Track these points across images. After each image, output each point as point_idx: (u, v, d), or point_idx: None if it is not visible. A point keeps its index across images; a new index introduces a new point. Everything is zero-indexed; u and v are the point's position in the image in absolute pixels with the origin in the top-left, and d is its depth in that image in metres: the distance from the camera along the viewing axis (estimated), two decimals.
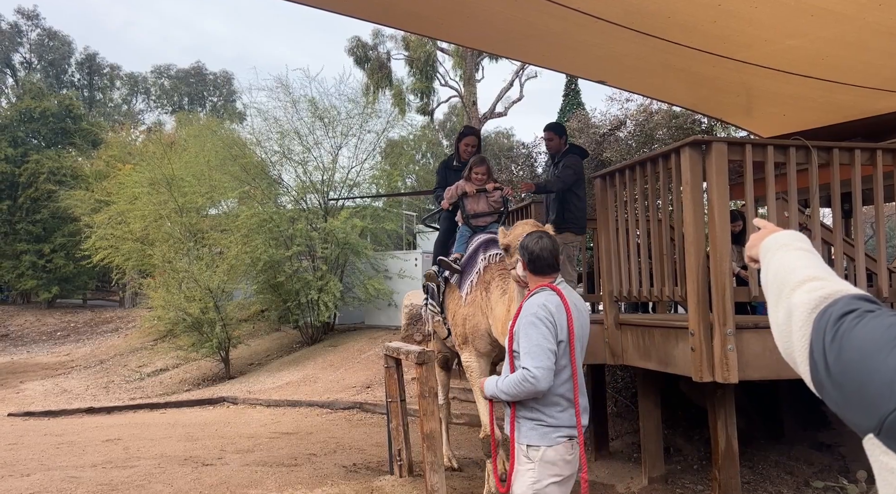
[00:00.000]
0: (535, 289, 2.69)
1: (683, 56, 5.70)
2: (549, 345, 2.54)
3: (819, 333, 0.84)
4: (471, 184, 4.83)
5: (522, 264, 2.77)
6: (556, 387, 2.60)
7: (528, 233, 2.82)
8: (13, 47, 35.22)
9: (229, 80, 40.27)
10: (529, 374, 2.52)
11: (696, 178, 3.55)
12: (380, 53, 24.45)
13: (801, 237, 1.12)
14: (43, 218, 23.04)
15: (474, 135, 5.55)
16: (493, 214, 4.78)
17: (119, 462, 6.13)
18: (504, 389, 2.62)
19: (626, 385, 6.57)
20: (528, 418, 2.62)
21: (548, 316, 2.56)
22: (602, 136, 7.61)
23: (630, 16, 5.04)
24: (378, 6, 5.53)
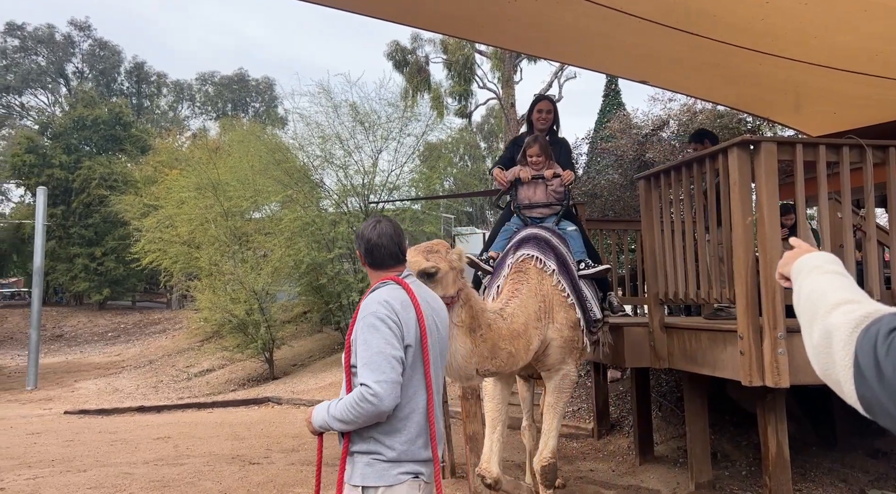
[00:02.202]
0: (376, 284, 2.17)
1: (729, 54, 5.59)
2: (394, 352, 2.00)
3: (868, 349, 0.84)
4: (526, 170, 4.22)
5: (360, 256, 2.26)
6: (402, 407, 2.03)
7: (370, 219, 2.33)
8: (66, 57, 36.53)
9: (271, 86, 41.04)
10: (369, 391, 1.94)
11: (744, 179, 3.49)
12: (418, 57, 24.61)
13: (833, 259, 1.11)
14: (95, 222, 23.81)
15: (548, 100, 4.76)
16: (550, 205, 4.21)
17: (170, 460, 6.31)
18: (338, 415, 2.00)
19: (670, 389, 6.47)
20: (363, 451, 2.03)
21: (390, 315, 2.03)
22: (644, 137, 7.52)
23: (673, 15, 4.98)
24: (417, 10, 5.58)
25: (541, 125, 4.58)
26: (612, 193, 7.24)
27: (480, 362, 3.23)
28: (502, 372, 3.51)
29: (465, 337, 3.10)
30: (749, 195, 3.53)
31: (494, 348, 3.30)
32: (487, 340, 3.24)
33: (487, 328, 3.25)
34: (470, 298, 3.10)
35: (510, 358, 3.42)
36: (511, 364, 3.44)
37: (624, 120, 8.64)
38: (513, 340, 3.43)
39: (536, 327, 3.63)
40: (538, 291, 3.74)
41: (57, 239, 23.97)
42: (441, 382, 2.25)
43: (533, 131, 4.58)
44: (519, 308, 3.60)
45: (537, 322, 3.65)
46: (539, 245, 3.91)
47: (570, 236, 4.10)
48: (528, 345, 3.56)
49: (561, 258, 3.90)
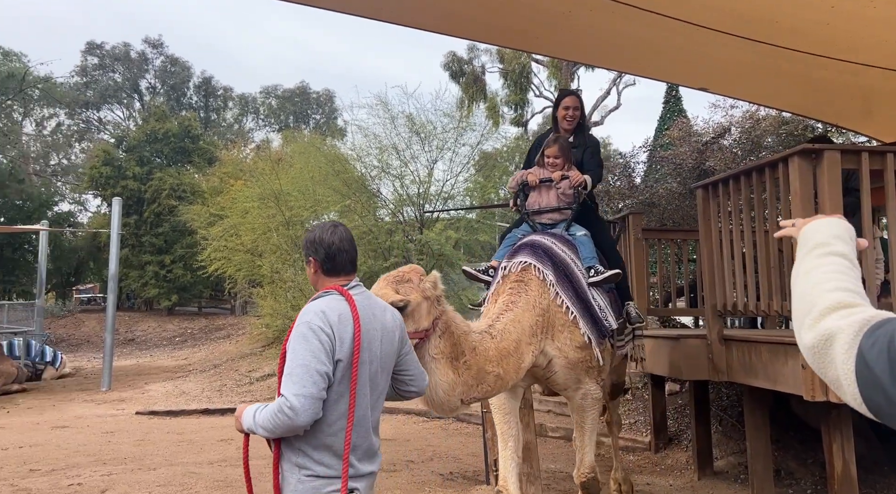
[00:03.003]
0: (320, 293, 2.12)
1: (792, 60, 5.45)
2: (319, 366, 1.94)
3: (880, 353, 0.84)
4: (535, 172, 4.00)
5: (314, 264, 2.16)
6: (332, 423, 1.99)
7: (318, 226, 2.24)
8: (141, 74, 38.33)
9: (331, 98, 41.98)
10: (286, 404, 1.91)
11: (805, 189, 3.41)
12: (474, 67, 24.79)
13: (840, 233, 1.04)
14: (164, 231, 24.84)
15: (574, 95, 4.46)
16: (560, 210, 3.96)
17: (233, 461, 6.53)
18: (261, 422, 1.99)
19: (731, 402, 6.30)
20: (297, 465, 2.00)
21: (323, 328, 1.98)
22: (704, 145, 7.37)
23: (732, 22, 4.90)
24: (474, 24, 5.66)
25: (567, 124, 4.29)
26: (671, 202, 7.13)
27: (465, 391, 3.00)
28: (490, 396, 3.27)
29: (447, 368, 2.87)
30: (811, 205, 3.45)
31: (480, 373, 3.06)
32: (472, 366, 3.00)
33: (472, 352, 3.01)
34: (450, 325, 2.90)
35: (498, 381, 3.16)
36: (499, 387, 3.20)
37: (683, 127, 8.50)
38: (501, 361, 3.18)
39: (530, 343, 3.36)
40: (537, 304, 3.47)
41: (130, 247, 25.11)
42: (373, 399, 2.12)
43: (558, 130, 4.31)
44: (511, 322, 3.34)
45: (531, 338, 3.38)
46: (536, 252, 3.64)
47: (579, 241, 3.83)
48: (519, 364, 3.30)
49: (562, 267, 3.60)
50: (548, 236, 3.79)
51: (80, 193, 33.16)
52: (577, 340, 3.50)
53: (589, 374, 3.62)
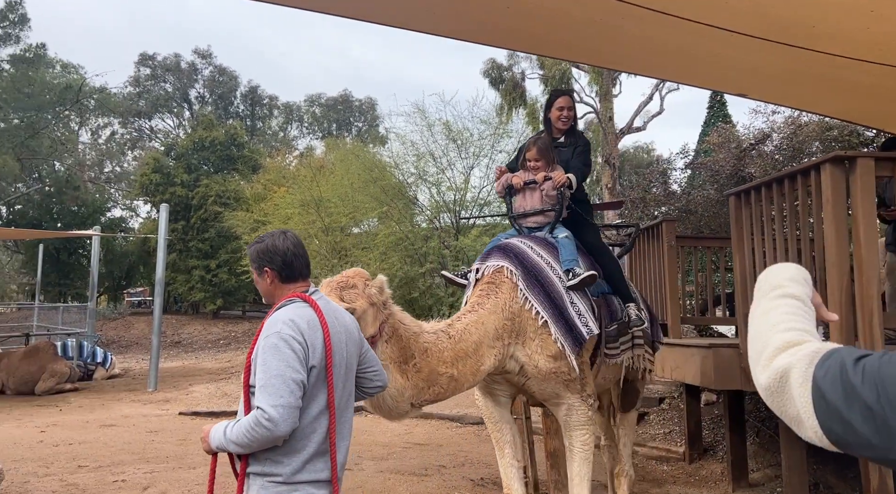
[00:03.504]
0: (283, 301, 2.10)
1: (833, 65, 5.33)
2: (295, 375, 1.94)
3: (834, 382, 0.85)
4: (519, 175, 3.88)
5: (270, 274, 2.14)
6: (304, 427, 2.00)
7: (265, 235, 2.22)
8: (190, 84, 39.50)
9: (373, 106, 42.53)
10: (264, 416, 1.90)
11: (838, 196, 3.35)
12: (514, 73, 24.78)
13: (795, 277, 1.07)
14: (210, 236, 25.49)
15: (567, 95, 4.29)
16: (545, 212, 3.83)
17: None
18: (234, 438, 1.97)
19: (770, 414, 6.16)
20: (259, 473, 2.00)
21: (295, 336, 1.98)
22: (742, 151, 7.24)
23: (770, 27, 4.82)
24: (510, 33, 5.70)
25: (562, 124, 4.11)
26: (708, 209, 7.02)
27: (416, 394, 2.94)
28: (443, 398, 3.15)
29: (395, 374, 2.82)
30: (844, 214, 3.38)
31: (432, 375, 2.99)
32: (423, 369, 2.95)
33: (423, 354, 2.96)
34: (398, 328, 2.86)
35: (451, 383, 3.07)
36: (454, 388, 3.11)
37: (723, 133, 8.36)
38: (457, 363, 3.09)
39: (492, 347, 3.23)
40: (506, 307, 3.34)
41: (177, 252, 25.82)
42: (343, 401, 2.14)
43: (551, 131, 4.15)
44: (474, 324, 3.23)
45: (495, 341, 3.25)
46: (508, 255, 3.52)
47: (560, 243, 3.66)
48: (478, 367, 3.18)
49: (533, 271, 3.45)
50: (527, 239, 3.68)
51: (131, 199, 34.31)
52: (548, 349, 3.31)
53: (569, 388, 3.37)
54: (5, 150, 26.68)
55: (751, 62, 5.68)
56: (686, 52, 5.61)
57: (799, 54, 5.09)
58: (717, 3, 4.55)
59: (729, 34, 4.86)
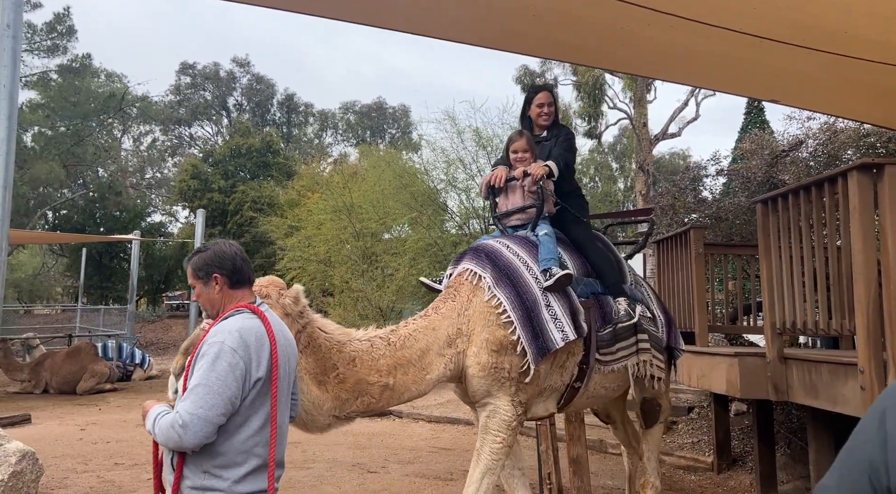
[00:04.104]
0: (232, 310, 2.06)
1: (868, 70, 5.24)
2: (224, 390, 1.88)
3: None
4: (499, 171, 3.62)
5: (220, 280, 2.10)
6: (245, 440, 1.95)
7: (209, 245, 2.19)
8: (229, 92, 40.39)
9: (406, 113, 42.87)
10: (178, 421, 1.86)
11: (865, 204, 3.31)
12: (546, 80, 24.73)
13: None
14: (246, 241, 25.94)
15: (548, 91, 4.05)
16: (526, 210, 3.60)
17: (297, 464, 6.80)
18: (157, 429, 1.95)
19: (802, 425, 6.05)
20: (199, 487, 1.94)
21: (237, 350, 1.93)
22: (775, 158, 7.14)
23: (800, 33, 4.77)
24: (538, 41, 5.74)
25: (543, 121, 3.91)
26: (739, 217, 6.93)
27: (338, 406, 2.80)
28: (380, 409, 3.00)
29: (310, 385, 2.70)
30: (871, 223, 3.34)
31: (360, 385, 2.84)
32: (347, 379, 2.81)
33: (349, 364, 2.81)
34: (317, 338, 2.75)
35: (386, 392, 2.91)
36: (391, 399, 2.95)
37: (756, 140, 8.24)
38: (395, 371, 2.92)
39: (443, 354, 3.06)
40: (462, 311, 3.17)
41: None
42: (285, 415, 2.13)
43: (532, 130, 3.93)
44: (422, 330, 3.08)
45: (446, 347, 3.07)
46: (478, 256, 3.36)
47: (540, 241, 3.43)
48: (423, 375, 3.01)
49: (506, 269, 3.25)
50: (505, 239, 3.50)
51: (170, 205, 35.17)
52: (494, 340, 3.09)
53: (503, 388, 3.10)
54: (52, 157, 27.63)
55: (782, 68, 5.62)
56: (716, 58, 5.58)
57: (830, 60, 5.02)
58: (746, 10, 4.54)
59: (760, 40, 4.82)
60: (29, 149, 27.53)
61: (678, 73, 6.61)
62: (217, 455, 1.93)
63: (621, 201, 34.51)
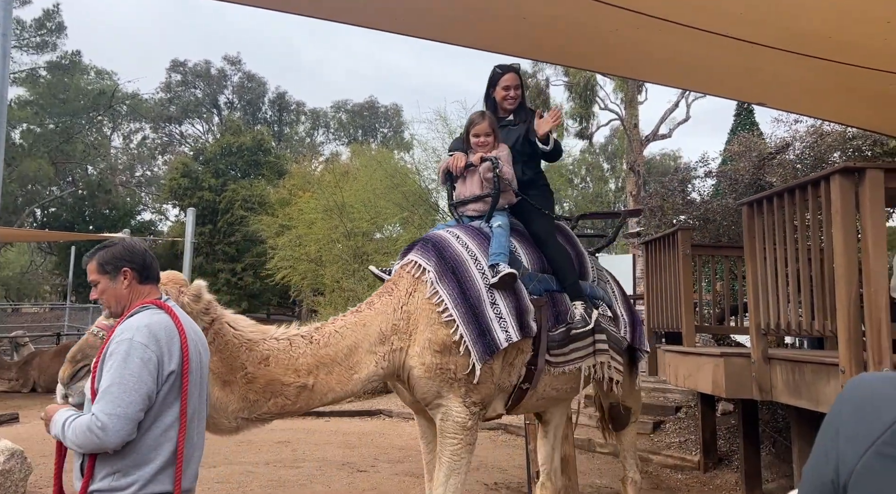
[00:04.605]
0: (138, 306, 2.02)
1: (853, 75, 5.32)
2: (140, 386, 1.86)
3: None
4: (458, 157, 3.44)
5: (130, 275, 2.06)
6: (156, 437, 1.92)
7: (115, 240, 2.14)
8: (220, 90, 40.24)
9: (398, 112, 42.84)
10: (97, 423, 1.83)
11: (847, 207, 3.37)
12: (538, 80, 24.80)
13: None
14: (236, 240, 25.91)
15: (514, 72, 3.78)
16: (483, 199, 3.40)
17: (287, 463, 6.82)
18: (70, 435, 1.91)
19: (786, 424, 6.13)
20: (106, 489, 1.90)
21: (148, 345, 1.90)
22: (762, 160, 7.22)
23: (786, 38, 4.84)
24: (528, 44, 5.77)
25: (509, 105, 3.71)
26: (726, 218, 7.00)
27: (246, 407, 2.65)
28: (295, 412, 2.85)
29: (213, 385, 2.56)
30: (853, 224, 3.40)
31: (272, 386, 2.68)
32: (258, 379, 2.66)
33: (260, 363, 2.66)
34: (224, 334, 2.62)
35: (305, 393, 2.75)
36: (310, 401, 2.79)
37: (744, 142, 8.33)
38: (316, 371, 2.76)
39: (374, 352, 2.90)
40: (401, 305, 3.01)
41: (204, 255, 26.30)
42: (200, 410, 2.09)
43: (497, 112, 3.70)
44: (352, 326, 2.92)
45: (378, 345, 2.91)
46: (425, 248, 3.18)
47: (493, 234, 3.25)
48: (350, 375, 2.85)
49: (452, 262, 3.09)
50: (457, 229, 3.33)
51: (160, 203, 35.01)
52: (438, 340, 2.94)
53: (452, 389, 2.96)
54: (41, 155, 27.45)
55: (769, 72, 5.69)
56: (705, 62, 5.64)
57: (817, 64, 5.09)
58: (734, 15, 4.60)
59: (748, 45, 4.89)
60: (17, 146, 27.33)
61: (667, 75, 6.67)
62: (129, 454, 1.90)
63: (612, 202, 34.67)
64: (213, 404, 2.56)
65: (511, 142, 3.58)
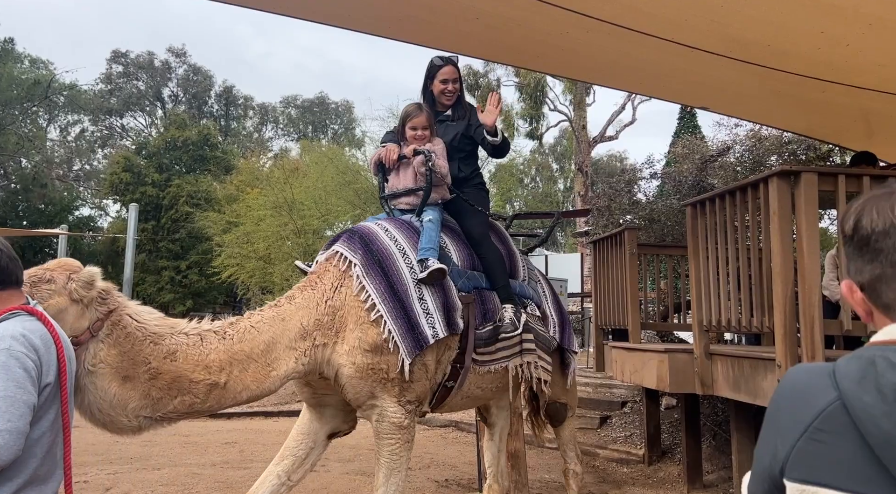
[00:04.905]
0: (4, 314, 1.86)
1: (789, 82, 5.57)
2: (26, 397, 1.75)
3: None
4: (391, 148, 3.40)
5: None
6: (33, 450, 1.81)
7: None
8: (164, 82, 39.10)
9: (350, 109, 42.50)
10: None
11: (784, 209, 3.52)
12: (490, 80, 25.00)
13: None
14: (181, 237, 25.26)
15: (452, 64, 3.70)
16: (416, 192, 3.35)
17: (235, 464, 6.69)
18: None
19: (726, 418, 6.36)
20: None
21: (28, 354, 1.78)
22: (704, 162, 7.48)
23: (728, 45, 5.03)
24: (481, 43, 5.83)
25: (447, 99, 3.65)
26: (671, 218, 7.23)
27: (149, 405, 2.50)
28: (209, 411, 2.71)
29: (109, 381, 2.41)
30: (789, 225, 3.56)
31: (179, 382, 2.53)
32: (162, 375, 2.51)
33: (166, 358, 2.52)
34: (125, 326, 2.48)
35: (216, 391, 2.59)
36: (222, 399, 2.63)
37: (687, 145, 8.60)
38: (230, 367, 2.61)
39: (294, 347, 2.77)
40: (325, 300, 2.90)
41: (147, 252, 25.54)
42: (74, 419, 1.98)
43: (435, 106, 3.65)
44: (270, 321, 2.78)
45: (300, 340, 2.78)
46: (351, 240, 3.08)
47: (423, 228, 3.21)
48: (268, 372, 2.71)
49: (379, 256, 3.02)
50: (386, 222, 3.28)
51: (100, 199, 33.80)
52: (368, 340, 2.86)
53: (386, 389, 2.90)
54: None
55: (712, 77, 5.90)
56: (651, 66, 5.81)
57: (756, 71, 5.31)
58: (680, 22, 4.75)
59: (692, 50, 5.06)
60: None
61: (615, 78, 6.84)
62: (9, 469, 1.77)
63: (561, 201, 35.24)
64: (109, 401, 2.44)
65: (448, 139, 3.55)
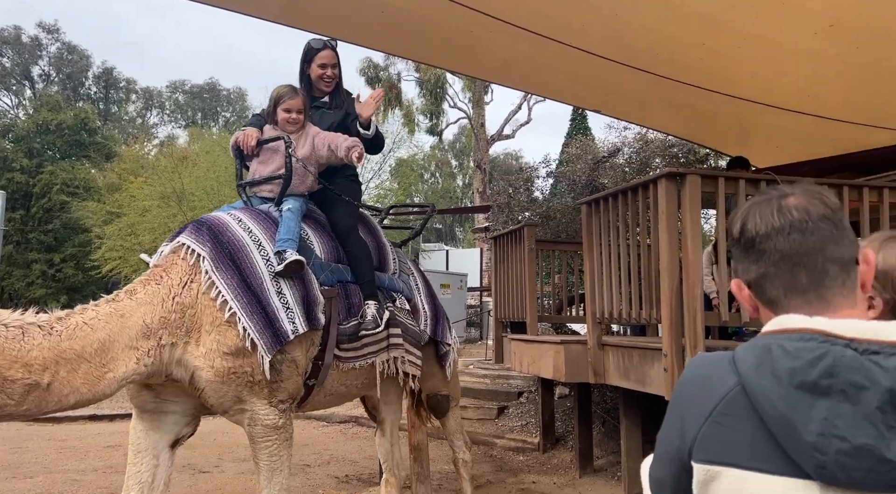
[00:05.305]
0: None
1: (674, 89, 5.96)
2: None
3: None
4: (252, 133, 3.23)
5: None
6: None
7: None
8: (33, 60, 35.99)
9: (243, 96, 40.97)
10: None
11: (671, 208, 3.75)
12: (391, 74, 24.92)
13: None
14: (55, 228, 23.42)
15: (331, 49, 3.52)
16: (275, 180, 3.20)
17: (119, 467, 6.30)
18: None
19: (615, 405, 6.72)
20: None
21: None
22: (597, 163, 7.85)
23: (621, 51, 5.31)
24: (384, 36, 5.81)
25: (325, 86, 3.53)
26: (566, 216, 7.54)
27: None
28: (28, 414, 2.38)
29: None
30: (675, 224, 3.80)
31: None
32: None
33: None
34: None
35: (36, 393, 2.30)
36: (45, 403, 2.34)
37: (581, 145, 8.99)
38: (55, 366, 2.34)
39: (135, 347, 2.55)
40: (172, 295, 2.71)
41: (14, 243, 23.48)
42: None
43: (312, 91, 3.53)
44: (104, 318, 2.53)
45: (142, 339, 2.57)
46: (198, 231, 2.89)
47: (282, 218, 3.07)
48: (103, 373, 2.45)
49: (231, 249, 2.85)
50: (240, 212, 3.11)
51: None
52: (228, 343, 2.71)
53: (254, 392, 2.76)
54: None
55: (605, 81, 6.20)
56: (551, 69, 6.03)
57: (644, 77, 5.64)
58: (578, 28, 4.96)
59: (588, 56, 5.30)
60: None
61: (516, 79, 7.04)
62: None
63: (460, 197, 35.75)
64: None
65: (324, 127, 3.41)
